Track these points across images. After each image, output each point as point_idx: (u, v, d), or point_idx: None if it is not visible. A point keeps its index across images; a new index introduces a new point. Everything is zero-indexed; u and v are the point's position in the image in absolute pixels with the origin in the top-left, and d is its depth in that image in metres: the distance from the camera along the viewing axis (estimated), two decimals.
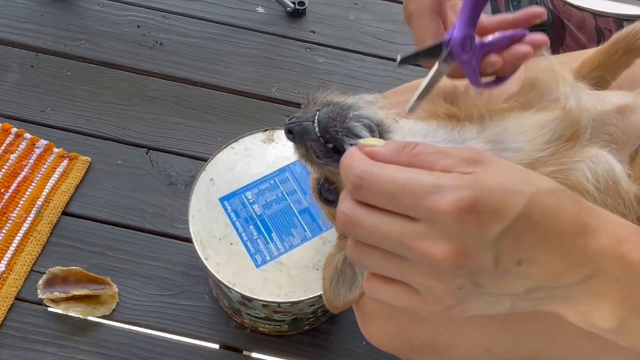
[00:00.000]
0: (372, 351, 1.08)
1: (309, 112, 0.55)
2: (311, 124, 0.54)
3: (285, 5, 1.47)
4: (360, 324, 0.69)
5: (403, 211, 0.41)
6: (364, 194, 0.42)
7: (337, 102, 0.55)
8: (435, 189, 0.39)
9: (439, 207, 0.39)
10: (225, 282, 0.88)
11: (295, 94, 1.37)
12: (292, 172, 0.96)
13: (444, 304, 0.42)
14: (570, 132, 0.55)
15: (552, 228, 0.40)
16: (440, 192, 0.39)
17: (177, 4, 1.49)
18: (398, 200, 0.40)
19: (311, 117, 0.54)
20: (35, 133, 1.26)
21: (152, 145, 1.28)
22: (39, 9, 1.45)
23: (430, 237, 0.40)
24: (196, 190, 0.94)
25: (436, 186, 0.39)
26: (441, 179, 0.40)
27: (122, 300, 1.10)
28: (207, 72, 1.39)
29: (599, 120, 0.56)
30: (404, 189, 0.40)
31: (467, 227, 0.39)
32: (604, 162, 0.52)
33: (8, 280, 1.10)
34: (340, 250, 0.67)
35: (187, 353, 1.07)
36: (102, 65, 1.38)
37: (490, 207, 0.39)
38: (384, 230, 0.41)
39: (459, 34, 0.53)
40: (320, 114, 0.54)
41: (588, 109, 0.56)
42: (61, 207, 1.18)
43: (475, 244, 0.39)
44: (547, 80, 0.59)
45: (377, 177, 0.41)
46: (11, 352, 1.05)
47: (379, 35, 1.49)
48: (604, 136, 0.56)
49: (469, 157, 0.42)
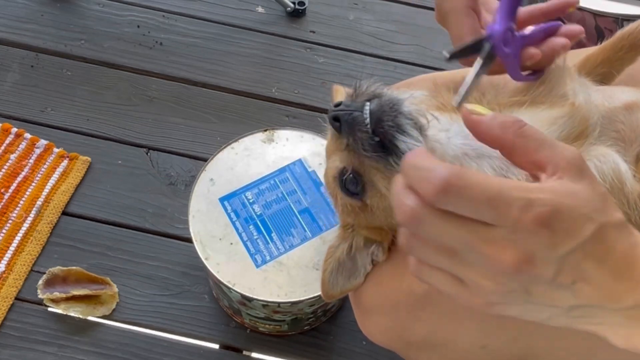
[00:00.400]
0: (372, 351, 1.08)
1: (358, 102, 0.53)
2: (361, 114, 0.53)
3: (285, 5, 1.47)
4: (358, 319, 0.70)
5: (483, 218, 0.41)
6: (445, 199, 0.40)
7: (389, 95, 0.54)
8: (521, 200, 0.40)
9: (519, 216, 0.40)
10: (225, 282, 0.88)
11: (295, 94, 1.37)
12: (292, 172, 0.96)
13: (488, 300, 0.44)
14: (579, 130, 0.55)
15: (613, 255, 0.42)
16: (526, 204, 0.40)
17: (177, 4, 1.49)
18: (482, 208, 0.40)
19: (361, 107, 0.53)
20: (35, 133, 1.26)
21: (152, 145, 1.28)
22: (39, 9, 1.45)
23: (503, 242, 0.40)
24: (196, 190, 0.94)
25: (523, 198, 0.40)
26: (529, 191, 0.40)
27: (122, 300, 1.10)
28: (207, 72, 1.39)
29: (607, 117, 0.56)
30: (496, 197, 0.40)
31: (540, 240, 0.40)
32: (610, 161, 0.53)
33: (8, 280, 1.10)
34: (342, 242, 0.66)
35: (187, 353, 1.07)
36: (102, 65, 1.38)
37: (565, 227, 0.41)
38: (453, 233, 0.41)
39: (501, 28, 0.53)
40: (372, 106, 0.53)
41: (597, 105, 0.57)
42: (61, 207, 1.18)
43: (542, 256, 0.41)
44: (556, 76, 0.59)
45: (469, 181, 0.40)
46: (11, 352, 1.05)
47: (379, 35, 1.49)
48: (612, 133, 0.56)
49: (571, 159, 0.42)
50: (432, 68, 1.43)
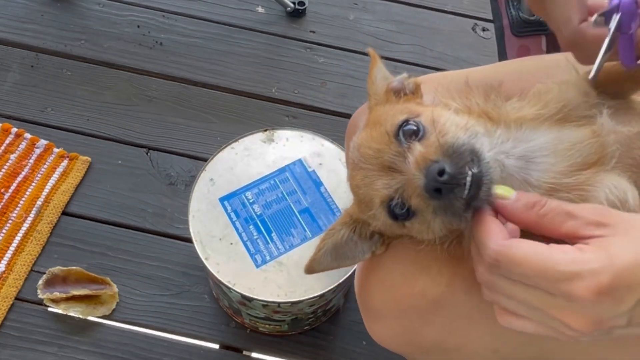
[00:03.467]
0: (372, 351, 1.08)
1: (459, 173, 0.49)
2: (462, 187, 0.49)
3: (285, 5, 1.47)
4: (366, 322, 0.69)
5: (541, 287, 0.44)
6: (501, 271, 0.45)
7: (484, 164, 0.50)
8: (572, 275, 0.42)
9: (576, 294, 0.42)
10: (225, 282, 0.88)
11: (295, 94, 1.37)
12: (292, 172, 0.96)
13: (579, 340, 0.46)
14: (596, 158, 0.54)
15: None
16: (577, 279, 0.42)
17: (177, 4, 1.49)
18: (535, 281, 0.44)
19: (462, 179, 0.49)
20: (35, 133, 1.26)
21: (152, 145, 1.28)
22: (39, 9, 1.45)
23: (568, 310, 0.44)
24: (196, 190, 0.94)
25: (573, 273, 0.42)
26: (577, 264, 0.43)
27: (122, 300, 1.10)
28: (207, 72, 1.39)
29: (625, 145, 0.55)
30: (542, 274, 0.43)
31: (604, 305, 0.43)
32: (621, 191, 0.53)
33: (8, 280, 1.10)
34: (345, 228, 0.64)
35: (187, 353, 1.07)
36: (102, 65, 1.38)
37: (625, 284, 0.43)
38: (523, 298, 0.45)
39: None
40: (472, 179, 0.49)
41: (616, 133, 0.55)
42: (61, 207, 1.18)
43: (610, 315, 0.44)
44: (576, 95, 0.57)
45: (513, 260, 0.44)
46: (11, 352, 1.05)
47: (379, 35, 1.49)
48: (628, 160, 0.56)
49: (595, 220, 0.45)
50: (432, 68, 1.43)
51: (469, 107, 0.58)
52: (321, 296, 0.89)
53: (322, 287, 0.88)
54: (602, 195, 0.53)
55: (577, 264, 0.43)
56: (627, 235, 0.44)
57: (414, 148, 0.52)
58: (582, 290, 0.42)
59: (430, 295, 0.62)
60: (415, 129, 0.54)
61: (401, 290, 0.64)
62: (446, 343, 0.65)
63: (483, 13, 1.52)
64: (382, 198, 0.55)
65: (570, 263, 0.43)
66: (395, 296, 0.64)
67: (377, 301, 0.66)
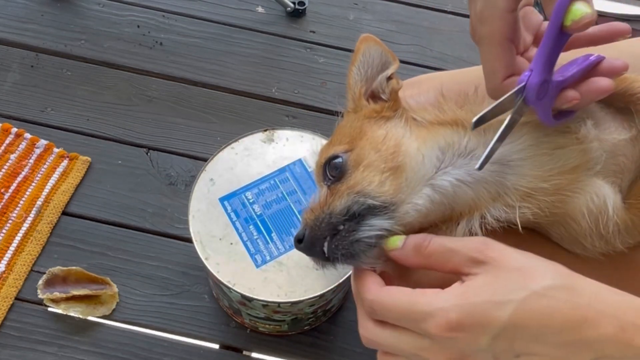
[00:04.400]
0: (372, 351, 1.08)
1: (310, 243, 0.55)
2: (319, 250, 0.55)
3: (285, 5, 1.47)
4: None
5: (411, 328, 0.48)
6: (377, 315, 0.50)
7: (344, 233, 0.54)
8: (427, 315, 0.46)
9: (431, 330, 0.46)
10: (225, 282, 0.88)
11: (295, 94, 1.37)
12: (292, 172, 0.96)
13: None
14: (577, 163, 0.54)
15: (544, 327, 0.45)
16: (431, 318, 0.46)
17: (177, 4, 1.49)
18: (404, 322, 0.48)
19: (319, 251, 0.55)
20: (35, 133, 1.26)
21: (152, 145, 1.28)
22: (39, 9, 1.45)
23: (433, 349, 0.47)
24: (196, 190, 0.94)
25: (428, 313, 0.46)
26: (431, 304, 0.46)
27: (122, 300, 1.10)
28: (207, 72, 1.39)
29: (610, 152, 0.55)
30: (405, 315, 0.48)
31: (460, 340, 0.46)
32: (602, 199, 0.54)
33: (8, 280, 1.10)
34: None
35: (187, 353, 1.07)
36: (102, 65, 1.38)
37: (476, 322, 0.45)
38: (398, 345, 0.49)
39: (535, 80, 0.49)
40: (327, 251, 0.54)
41: (601, 140, 0.55)
42: (61, 207, 1.18)
43: (471, 350, 0.47)
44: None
45: (384, 305, 0.49)
46: (11, 352, 1.05)
47: (379, 35, 1.47)
48: (612, 167, 0.55)
49: (472, 257, 0.48)
50: (432, 68, 1.43)
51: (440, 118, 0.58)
52: (321, 296, 0.89)
53: (322, 287, 0.88)
54: (582, 202, 0.54)
55: (430, 303, 0.46)
56: (494, 276, 0.46)
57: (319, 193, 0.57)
58: (434, 327, 0.45)
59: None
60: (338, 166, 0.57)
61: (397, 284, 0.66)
62: None
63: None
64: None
65: (426, 303, 0.46)
66: None
67: None
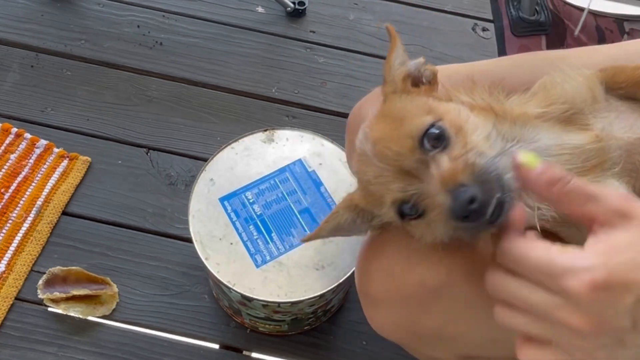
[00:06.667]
0: (372, 351, 1.08)
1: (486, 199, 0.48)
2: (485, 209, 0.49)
3: (285, 5, 1.47)
4: (366, 312, 0.69)
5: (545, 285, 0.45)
6: (512, 264, 0.47)
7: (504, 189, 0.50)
8: (568, 271, 0.43)
9: (572, 289, 0.43)
10: (225, 282, 0.88)
11: (295, 94, 1.37)
12: (292, 172, 0.96)
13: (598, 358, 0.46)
14: (597, 162, 0.54)
15: None
16: (573, 275, 0.43)
17: (177, 4, 1.49)
18: (537, 277, 0.45)
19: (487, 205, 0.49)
20: (35, 133, 1.26)
21: (152, 145, 1.28)
22: (39, 9, 1.45)
23: (567, 309, 0.44)
24: (196, 190, 0.94)
25: (569, 269, 0.43)
26: (573, 259, 0.43)
27: (122, 300, 1.10)
28: (207, 72, 1.39)
29: (626, 150, 0.55)
30: (542, 271, 0.45)
31: (601, 302, 0.43)
32: None
33: (8, 280, 1.10)
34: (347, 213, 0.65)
35: (187, 353, 1.07)
36: (102, 65, 1.38)
37: (621, 282, 0.43)
38: (527, 298, 0.46)
39: None
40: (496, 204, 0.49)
41: (618, 139, 0.55)
42: (61, 207, 1.18)
43: (611, 314, 0.43)
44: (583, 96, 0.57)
45: (523, 254, 0.46)
46: (11, 352, 1.05)
47: (379, 35, 1.49)
48: (628, 165, 0.55)
49: (617, 208, 0.44)
50: None
51: (474, 103, 0.57)
52: (321, 296, 0.89)
53: (322, 287, 0.88)
54: None
55: (573, 259, 0.43)
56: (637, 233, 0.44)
57: (439, 160, 0.51)
58: (576, 284, 0.42)
59: (429, 284, 0.62)
60: (439, 134, 0.52)
61: (401, 279, 0.64)
62: (445, 332, 0.65)
63: (483, 13, 1.52)
64: (394, 199, 0.54)
65: (567, 259, 0.43)
66: (395, 285, 0.65)
67: (376, 289, 0.66)
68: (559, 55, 0.73)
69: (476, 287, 0.61)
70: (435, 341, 0.67)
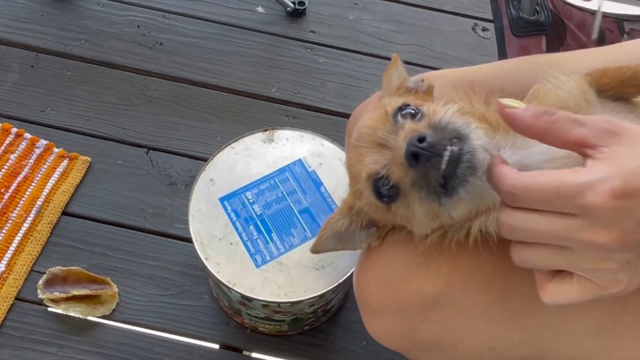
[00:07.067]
0: (372, 351, 1.08)
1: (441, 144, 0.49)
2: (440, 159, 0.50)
3: (285, 5, 1.47)
4: (364, 320, 0.69)
5: (559, 210, 0.44)
6: (519, 202, 0.45)
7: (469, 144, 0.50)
8: (584, 187, 0.42)
9: (592, 203, 0.42)
10: (225, 282, 0.88)
11: (295, 94, 1.37)
12: (292, 172, 0.96)
13: (620, 281, 0.45)
14: None
15: None
16: (590, 189, 0.42)
17: (177, 4, 1.49)
18: (552, 203, 0.44)
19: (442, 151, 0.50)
20: (35, 133, 1.26)
21: (152, 145, 1.28)
22: (39, 9, 1.45)
23: (590, 227, 0.43)
24: (196, 190, 0.94)
25: (585, 184, 0.42)
26: (587, 175, 0.43)
27: (122, 300, 1.10)
28: (207, 72, 1.39)
29: None
30: (556, 194, 0.43)
31: (622, 212, 0.42)
32: None
33: (8, 280, 1.10)
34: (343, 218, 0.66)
35: (187, 353, 1.07)
36: (102, 65, 1.38)
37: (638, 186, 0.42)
38: (545, 229, 0.45)
39: None
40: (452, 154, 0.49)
41: None
42: (61, 207, 1.18)
43: (633, 223, 0.43)
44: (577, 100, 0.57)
45: (529, 187, 0.45)
46: (11, 352, 1.05)
47: (379, 35, 1.49)
48: None
49: (605, 128, 0.44)
50: (432, 68, 1.43)
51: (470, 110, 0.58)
52: (321, 296, 0.89)
53: (322, 287, 0.88)
54: None
55: (587, 175, 0.43)
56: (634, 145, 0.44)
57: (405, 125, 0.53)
58: (597, 197, 0.42)
59: (427, 292, 0.62)
60: (414, 113, 0.54)
61: (399, 287, 0.64)
62: (443, 340, 0.65)
63: (483, 13, 1.52)
64: (368, 172, 0.56)
65: (580, 177, 0.43)
66: (393, 293, 0.64)
67: (374, 298, 0.66)
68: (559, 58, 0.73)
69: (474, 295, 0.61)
70: (434, 349, 0.67)
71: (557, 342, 0.61)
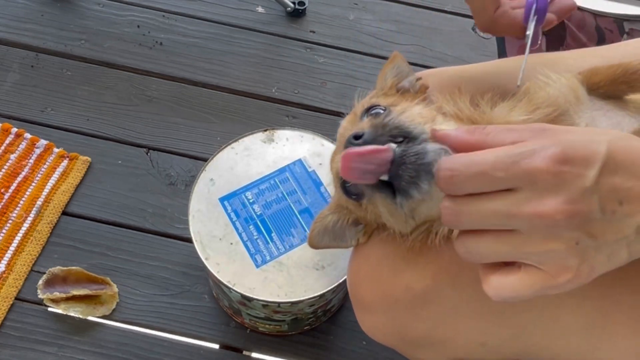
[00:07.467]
0: (372, 351, 1.08)
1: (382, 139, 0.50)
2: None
3: (285, 5, 1.47)
4: (357, 315, 0.70)
5: (500, 186, 0.42)
6: (457, 185, 0.43)
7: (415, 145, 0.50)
8: (524, 154, 0.41)
9: (535, 167, 0.41)
10: (225, 282, 0.88)
11: (295, 94, 1.37)
12: (292, 172, 0.96)
13: (570, 267, 0.43)
14: None
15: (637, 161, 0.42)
16: (531, 155, 0.41)
17: (177, 4, 1.49)
18: (491, 177, 0.42)
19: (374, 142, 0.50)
20: (35, 133, 1.26)
21: (152, 145, 1.28)
22: (39, 9, 1.45)
23: (535, 198, 0.42)
24: (196, 190, 0.94)
25: (524, 152, 0.42)
26: (525, 146, 0.42)
27: (122, 300, 1.10)
28: (207, 72, 1.39)
29: None
30: (495, 165, 0.42)
31: (566, 178, 0.41)
32: None
33: (8, 280, 1.10)
34: (332, 214, 0.69)
35: (187, 353, 1.07)
36: (102, 65, 1.38)
37: (580, 155, 0.41)
38: (489, 209, 0.43)
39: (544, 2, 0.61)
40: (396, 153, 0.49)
41: None
42: (61, 207, 1.18)
43: (578, 191, 0.41)
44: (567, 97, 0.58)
45: (465, 164, 0.43)
46: (11, 352, 1.05)
47: (379, 35, 1.49)
48: None
49: (535, 127, 0.44)
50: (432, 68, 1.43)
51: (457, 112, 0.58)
52: (321, 296, 0.89)
53: (322, 287, 0.88)
54: None
55: (526, 145, 0.42)
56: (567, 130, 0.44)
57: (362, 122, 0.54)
58: (539, 160, 0.41)
59: (416, 288, 0.63)
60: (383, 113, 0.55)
61: (388, 283, 0.65)
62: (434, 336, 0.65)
63: None
64: (336, 170, 0.57)
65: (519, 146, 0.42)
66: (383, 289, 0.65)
67: (366, 295, 0.67)
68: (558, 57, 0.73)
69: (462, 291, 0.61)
70: (424, 345, 0.67)
71: (547, 338, 0.61)
